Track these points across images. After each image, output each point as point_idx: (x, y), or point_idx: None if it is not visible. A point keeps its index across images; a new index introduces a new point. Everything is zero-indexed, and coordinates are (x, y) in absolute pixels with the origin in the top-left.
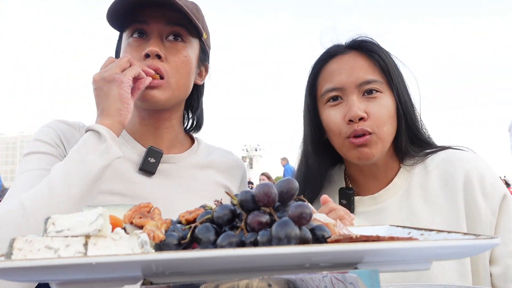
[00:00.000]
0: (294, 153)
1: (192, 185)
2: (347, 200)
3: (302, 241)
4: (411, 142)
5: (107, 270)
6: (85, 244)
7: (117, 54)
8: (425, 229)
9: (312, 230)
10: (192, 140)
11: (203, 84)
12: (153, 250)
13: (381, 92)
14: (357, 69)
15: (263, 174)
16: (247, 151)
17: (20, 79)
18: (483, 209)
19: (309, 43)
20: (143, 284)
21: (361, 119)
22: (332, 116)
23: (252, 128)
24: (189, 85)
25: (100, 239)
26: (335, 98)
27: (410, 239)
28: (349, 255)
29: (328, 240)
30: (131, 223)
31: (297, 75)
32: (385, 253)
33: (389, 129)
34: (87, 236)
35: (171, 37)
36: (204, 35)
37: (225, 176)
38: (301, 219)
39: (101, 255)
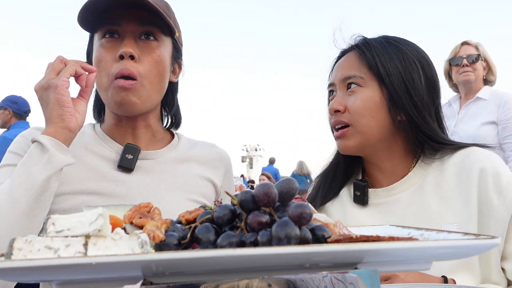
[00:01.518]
0: (293, 153)
1: (173, 179)
2: (360, 192)
3: (302, 241)
4: (420, 136)
5: (107, 270)
6: (85, 244)
7: (89, 56)
8: (425, 229)
9: (312, 230)
10: (172, 136)
11: (177, 81)
12: (153, 250)
13: (361, 86)
14: (345, 65)
15: (263, 174)
16: (247, 151)
17: (20, 79)
18: (496, 206)
19: (309, 43)
20: (143, 284)
21: (337, 111)
22: (328, 110)
23: (252, 128)
24: (163, 84)
25: (100, 239)
26: (332, 93)
27: (410, 239)
28: (349, 255)
29: (328, 240)
30: (131, 223)
31: (297, 75)
32: (385, 253)
33: (370, 122)
34: (87, 236)
35: (143, 37)
36: (177, 33)
37: (207, 168)
38: (301, 219)
39: (101, 255)
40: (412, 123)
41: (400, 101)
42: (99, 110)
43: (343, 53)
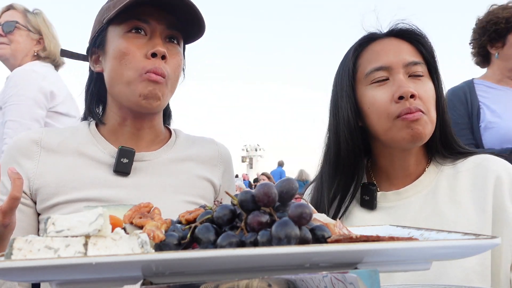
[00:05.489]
0: (292, 154)
1: (170, 181)
2: (369, 196)
3: (302, 241)
4: (443, 140)
5: (107, 270)
6: (85, 244)
7: (98, 44)
8: (425, 229)
9: (312, 230)
10: (171, 134)
11: None
12: (153, 250)
13: (424, 76)
14: (403, 51)
15: (263, 174)
16: (247, 151)
17: None
18: (511, 214)
19: (311, 43)
20: (143, 284)
21: (412, 96)
22: (378, 97)
23: (252, 128)
24: (176, 86)
25: (100, 239)
26: (381, 78)
27: (410, 239)
28: (349, 255)
29: (328, 240)
30: (131, 223)
31: (296, 75)
32: (385, 253)
33: (434, 114)
34: (87, 236)
35: (167, 39)
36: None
37: (205, 167)
38: (301, 219)
39: (101, 255)
40: (441, 125)
41: (442, 99)
42: (98, 108)
43: (374, 38)
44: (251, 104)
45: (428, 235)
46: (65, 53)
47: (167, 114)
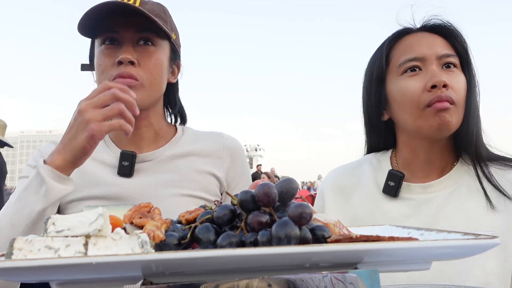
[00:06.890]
0: (292, 154)
1: (171, 177)
2: (395, 182)
3: (302, 241)
4: (472, 135)
5: (107, 270)
6: (85, 244)
7: (91, 60)
8: (425, 229)
9: (312, 230)
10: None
11: (177, 81)
12: (153, 250)
13: (457, 68)
14: (436, 44)
15: (263, 173)
16: (247, 151)
17: (21, 79)
18: None
19: (312, 42)
20: (143, 284)
21: (444, 86)
22: (411, 86)
23: (252, 128)
24: (162, 84)
25: (100, 239)
26: (413, 69)
27: (410, 239)
28: (349, 255)
29: (328, 240)
30: (131, 223)
31: (297, 75)
32: (385, 253)
33: (463, 106)
34: (87, 236)
35: (141, 42)
36: (173, 36)
37: (209, 160)
38: (301, 219)
39: (101, 255)
40: (472, 120)
41: (473, 94)
42: None
43: (408, 31)
44: (252, 105)
45: (428, 235)
46: (85, 67)
47: (181, 118)
